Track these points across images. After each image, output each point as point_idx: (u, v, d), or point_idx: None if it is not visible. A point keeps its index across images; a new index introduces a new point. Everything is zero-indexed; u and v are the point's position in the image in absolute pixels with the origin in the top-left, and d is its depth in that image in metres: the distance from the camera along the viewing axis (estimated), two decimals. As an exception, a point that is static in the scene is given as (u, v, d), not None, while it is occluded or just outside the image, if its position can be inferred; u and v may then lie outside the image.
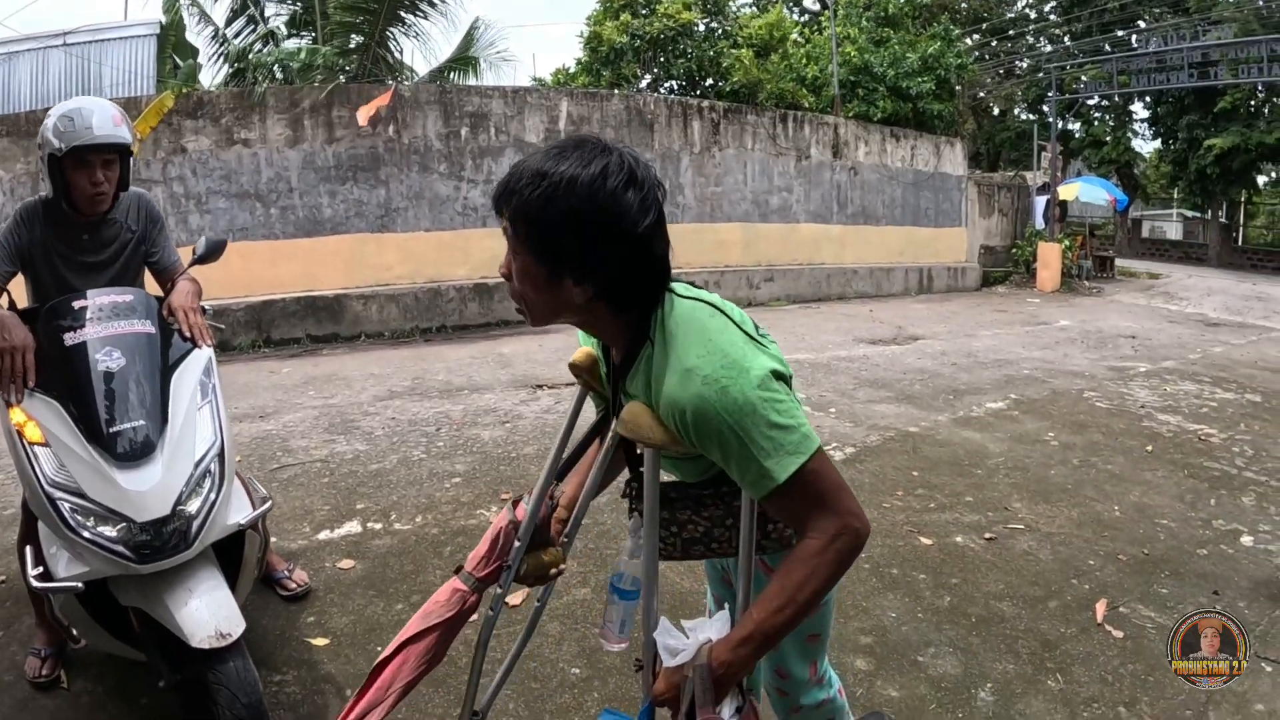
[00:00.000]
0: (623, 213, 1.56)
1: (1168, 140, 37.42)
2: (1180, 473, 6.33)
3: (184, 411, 2.95)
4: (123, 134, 3.20)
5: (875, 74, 21.68)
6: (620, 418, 1.72)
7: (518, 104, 15.03)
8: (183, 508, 2.72)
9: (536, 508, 2.11)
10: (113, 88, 16.31)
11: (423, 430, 7.19)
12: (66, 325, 2.95)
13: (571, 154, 1.58)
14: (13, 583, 4.28)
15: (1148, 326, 15.19)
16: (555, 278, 1.62)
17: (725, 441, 1.58)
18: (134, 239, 3.56)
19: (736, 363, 1.60)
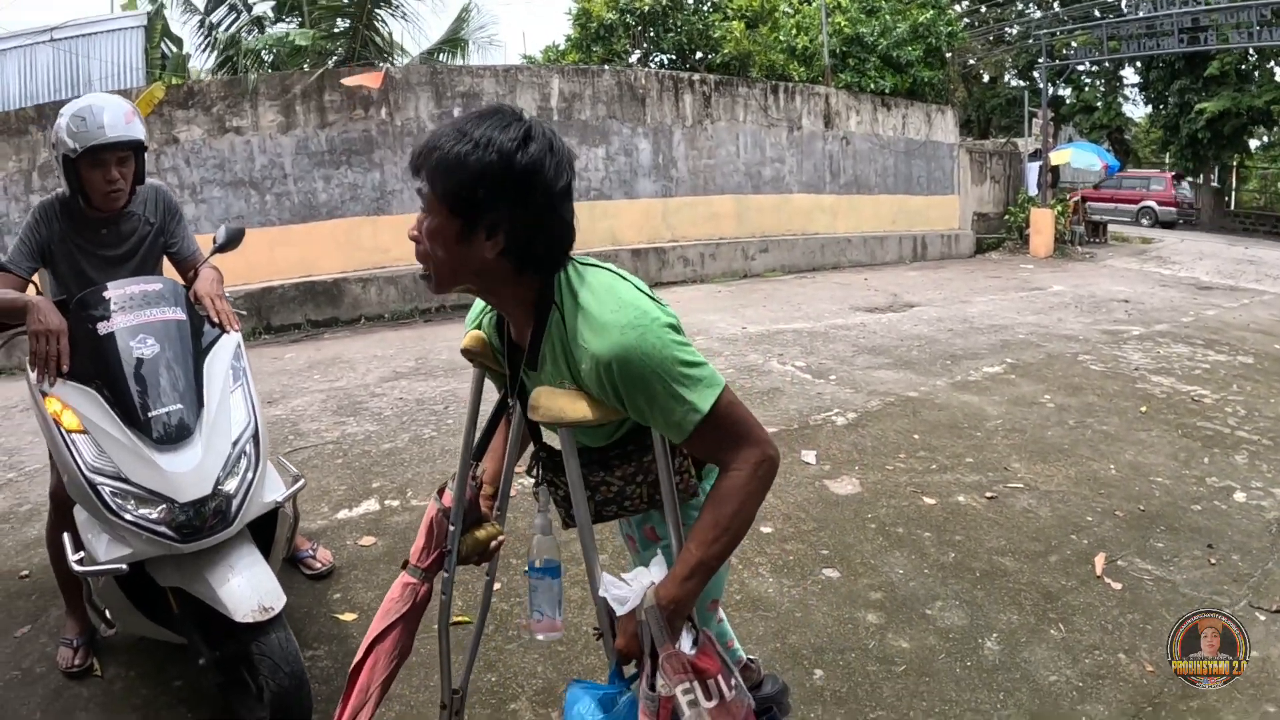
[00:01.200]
0: (537, 171, 1.64)
1: (1159, 105, 37.33)
2: (1174, 432, 6.47)
3: (218, 394, 3.04)
4: (136, 131, 3.26)
5: (866, 44, 21.60)
6: (532, 404, 1.79)
7: (509, 83, 15.02)
8: (222, 487, 2.81)
9: (461, 492, 2.20)
10: (102, 81, 16.16)
11: (431, 409, 7.27)
12: (98, 315, 3.01)
13: (490, 117, 1.68)
14: (35, 576, 4.37)
15: (1140, 291, 15.26)
16: (468, 232, 1.68)
17: (649, 384, 1.66)
18: (152, 231, 3.63)
19: (647, 312, 1.69)
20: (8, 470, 6.46)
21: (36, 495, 5.65)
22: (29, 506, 5.48)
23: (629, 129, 16.15)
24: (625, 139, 16.08)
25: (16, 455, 6.86)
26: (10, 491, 5.87)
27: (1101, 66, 34.63)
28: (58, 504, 3.29)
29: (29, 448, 7.03)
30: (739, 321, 11.27)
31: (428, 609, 2.37)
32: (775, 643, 3.56)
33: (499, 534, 2.29)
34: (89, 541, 2.79)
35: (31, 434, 7.52)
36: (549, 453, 2.09)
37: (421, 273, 1.83)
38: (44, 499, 5.49)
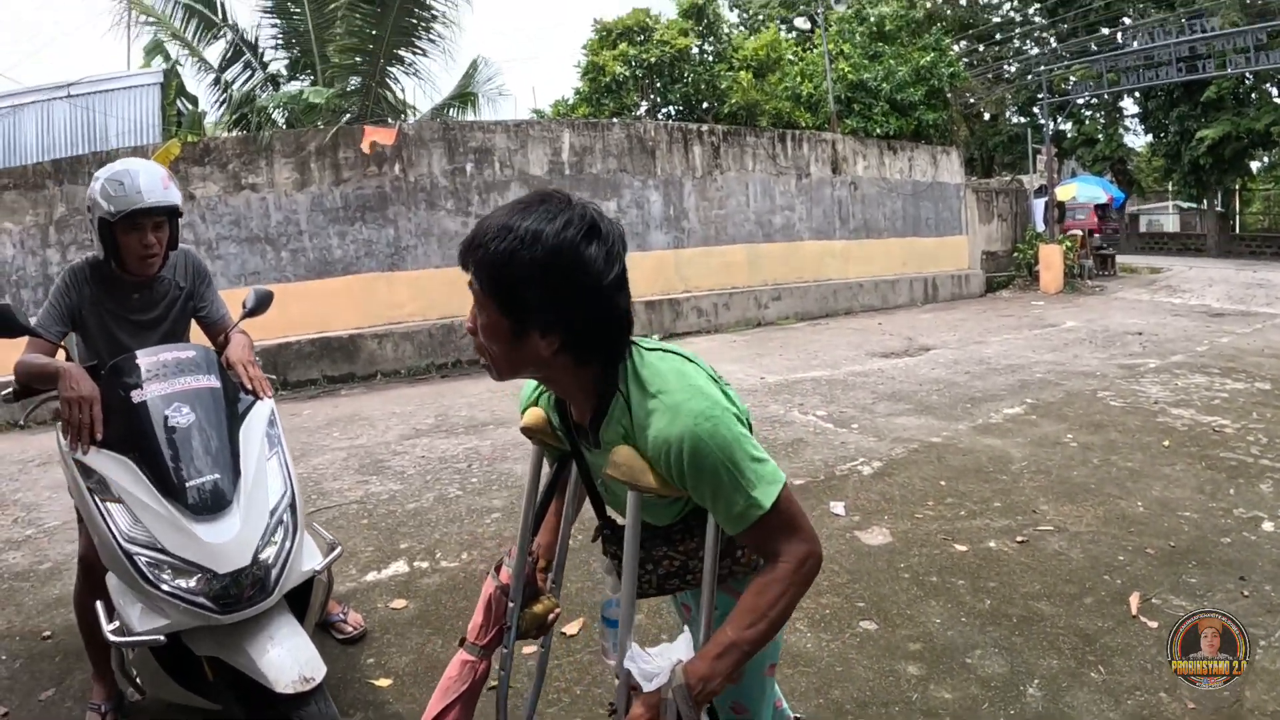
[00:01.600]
0: (586, 265, 1.60)
1: (1159, 134, 37.64)
2: (1198, 465, 6.45)
3: (254, 463, 3.00)
4: (172, 196, 3.28)
5: (870, 88, 21.87)
6: (612, 460, 1.75)
7: (520, 137, 15.19)
8: (260, 557, 2.77)
9: (521, 568, 2.21)
10: (119, 137, 16.46)
11: (454, 467, 7.26)
12: (132, 382, 3.00)
13: (536, 208, 1.63)
14: (59, 637, 4.35)
15: (1153, 322, 15.29)
16: (521, 331, 1.65)
17: (717, 474, 1.65)
18: (182, 295, 3.64)
19: (719, 403, 1.68)
20: (26, 527, 6.47)
21: (56, 553, 5.69)
22: (49, 565, 5.49)
23: (640, 181, 16.29)
24: (636, 191, 16.21)
25: (35, 511, 6.88)
26: (30, 549, 5.89)
27: (1101, 99, 34.93)
28: (87, 568, 3.28)
29: (47, 503, 7.06)
30: (757, 371, 11.28)
31: None
32: (818, 698, 3.53)
33: (555, 607, 2.30)
34: (123, 610, 2.76)
35: (49, 489, 7.55)
36: (612, 528, 2.09)
37: (482, 363, 1.79)
38: (64, 557, 5.53)
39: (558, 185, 15.03)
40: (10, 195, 12.83)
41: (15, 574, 5.41)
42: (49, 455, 8.99)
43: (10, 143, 16.57)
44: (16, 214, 12.81)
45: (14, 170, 13.49)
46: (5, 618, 4.70)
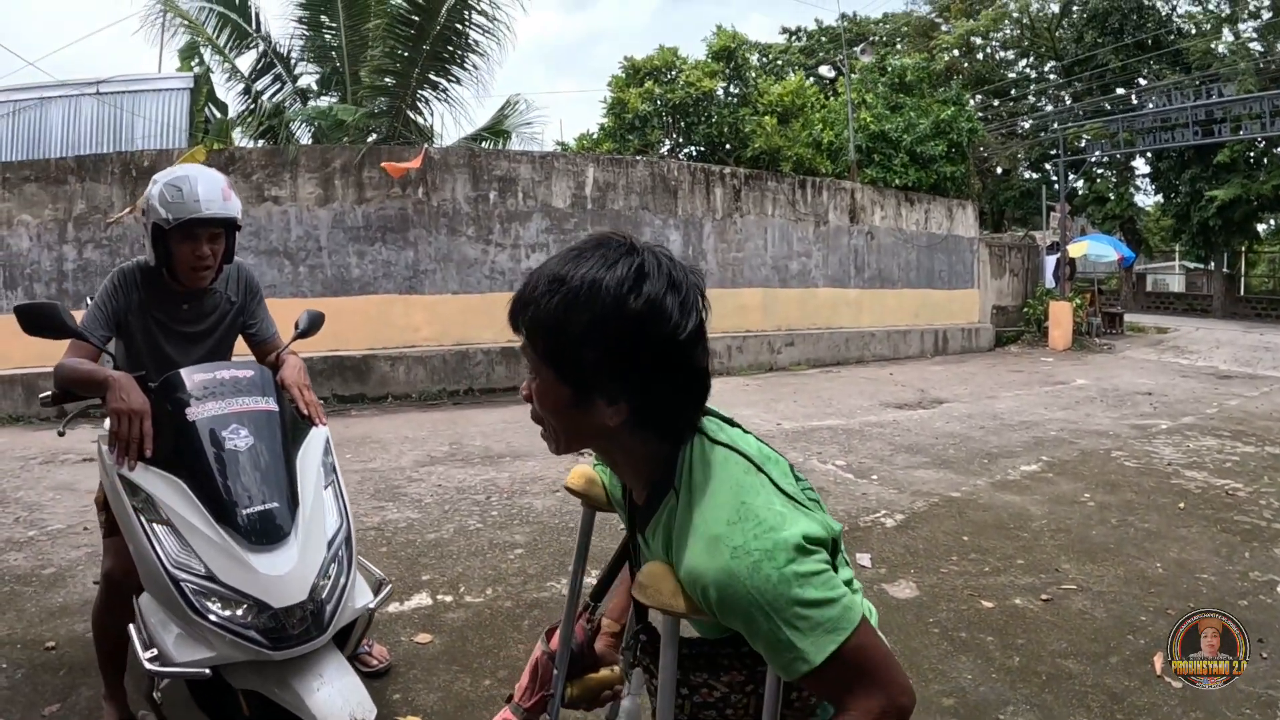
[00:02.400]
0: (658, 318, 1.37)
1: (1169, 194, 37.93)
2: (1213, 528, 6.51)
3: (312, 493, 2.87)
4: (232, 208, 3.18)
5: (891, 139, 22.10)
6: (638, 581, 1.49)
7: (545, 169, 15.33)
8: (316, 593, 2.64)
9: (568, 635, 2.04)
10: (145, 139, 16.60)
11: (473, 498, 7.24)
12: (186, 399, 2.86)
13: (592, 254, 1.40)
14: (63, 649, 4.25)
15: (1162, 382, 15.40)
16: (583, 398, 1.42)
17: (753, 621, 1.34)
18: (233, 310, 3.54)
19: (772, 531, 1.35)
20: (29, 528, 6.42)
21: (60, 558, 5.65)
22: (52, 570, 5.43)
23: (660, 220, 16.45)
24: (657, 230, 16.32)
25: (37, 512, 6.85)
26: (32, 551, 5.84)
27: (1114, 158, 35.19)
28: (111, 586, 3.15)
29: (50, 505, 7.03)
30: (773, 417, 11.32)
31: None
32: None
33: (619, 680, 2.04)
34: (159, 636, 2.61)
35: (53, 490, 7.55)
36: (650, 635, 1.74)
37: (541, 433, 1.56)
38: (68, 564, 5.51)
39: (579, 220, 15.41)
40: (31, 188, 12.94)
41: (17, 577, 5.35)
42: (52, 453, 9.11)
43: (35, 135, 16.68)
44: (36, 207, 12.91)
45: (36, 163, 13.62)
46: (6, 623, 4.62)
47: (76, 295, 12.98)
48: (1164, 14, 37.92)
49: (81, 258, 13.07)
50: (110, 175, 13.27)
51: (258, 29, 17.12)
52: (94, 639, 3.35)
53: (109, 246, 13.11)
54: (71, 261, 13.03)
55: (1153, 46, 36.27)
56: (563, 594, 4.96)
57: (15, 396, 11.98)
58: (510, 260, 14.87)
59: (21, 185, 13.01)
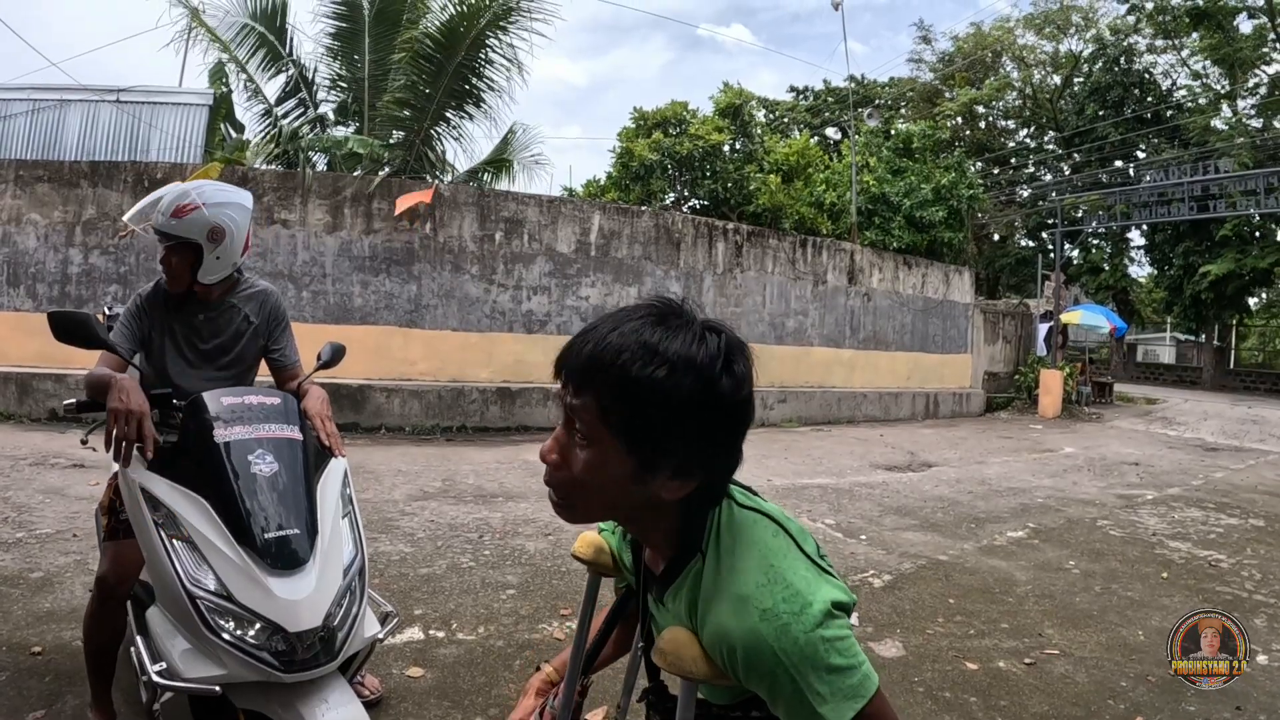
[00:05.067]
0: (745, 401, 1.38)
1: (1163, 266, 38.34)
2: (1195, 597, 6.61)
3: (330, 522, 2.91)
4: (177, 227, 3.23)
5: (892, 203, 22.43)
6: (659, 647, 1.47)
7: (552, 214, 15.51)
8: (330, 619, 2.68)
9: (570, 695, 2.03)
10: (160, 151, 16.90)
11: (465, 536, 7.28)
12: (214, 421, 2.89)
13: (677, 326, 1.35)
14: (49, 654, 4.24)
15: (1149, 453, 15.53)
16: (647, 471, 1.37)
17: (777, 684, 1.34)
18: (250, 330, 3.60)
19: (799, 595, 1.36)
20: (16, 529, 6.43)
21: (49, 563, 5.67)
22: (40, 574, 5.44)
23: (662, 271, 16.62)
24: (658, 280, 16.51)
25: (27, 513, 6.87)
26: (19, 553, 5.85)
27: (1110, 229, 35.58)
28: (105, 591, 3.18)
29: (40, 507, 7.06)
30: (763, 473, 11.38)
31: None
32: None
33: None
34: (167, 651, 2.65)
35: (43, 493, 7.58)
36: (659, 695, 1.76)
37: (554, 499, 1.47)
38: (57, 569, 5.54)
39: (583, 266, 15.58)
40: (43, 188, 13.14)
41: (3, 578, 5.36)
42: (43, 455, 9.16)
43: (52, 136, 16.97)
44: (46, 207, 13.10)
45: (50, 164, 13.82)
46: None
47: (78, 299, 13.17)
48: (1164, 89, 38.52)
49: (87, 262, 13.24)
50: (123, 183, 13.46)
51: (290, 53, 17.37)
52: (84, 645, 3.33)
53: (115, 254, 13.27)
54: (77, 265, 13.19)
55: (1152, 121, 36.90)
56: (555, 638, 5.06)
57: (9, 394, 12.07)
58: (512, 301, 15.01)
59: (34, 184, 13.20)
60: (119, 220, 13.00)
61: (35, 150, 16.61)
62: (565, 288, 15.56)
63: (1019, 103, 43.48)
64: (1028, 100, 42.90)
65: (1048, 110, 41.95)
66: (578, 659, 2.03)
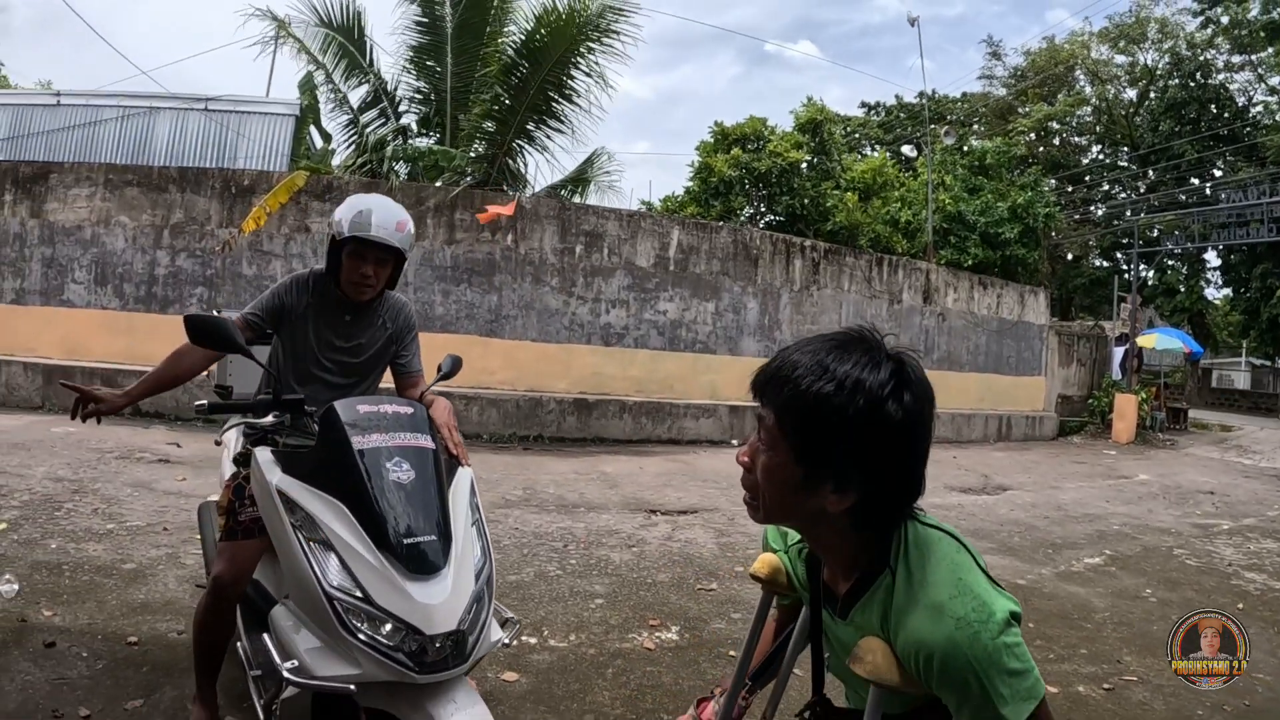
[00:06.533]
0: (913, 425, 1.47)
1: (1240, 288, 37.64)
2: (1271, 630, 6.57)
3: (462, 529, 2.96)
4: (400, 241, 3.43)
5: (967, 222, 22.26)
6: (858, 656, 1.57)
7: (631, 228, 15.68)
8: (462, 623, 2.73)
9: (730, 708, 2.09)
10: (247, 160, 17.38)
11: (550, 546, 7.37)
12: (351, 428, 2.95)
13: (856, 352, 1.48)
14: (145, 645, 4.33)
15: (1225, 482, 15.28)
16: (813, 481, 1.49)
17: (966, 687, 1.45)
18: (386, 336, 3.74)
19: (986, 605, 1.47)
20: (107, 520, 6.63)
21: (141, 555, 5.84)
22: (132, 565, 5.60)
23: (740, 287, 16.66)
24: (735, 296, 16.57)
25: (116, 505, 7.09)
26: (110, 544, 6.02)
27: (1185, 250, 35.19)
28: (220, 590, 3.27)
29: (129, 500, 7.31)
30: (837, 497, 11.36)
31: None
32: None
33: None
34: (296, 649, 2.72)
35: (130, 486, 7.87)
36: (825, 706, 1.88)
37: (746, 499, 1.63)
38: (149, 561, 5.74)
39: (661, 280, 15.71)
40: (132, 192, 13.61)
41: (96, 568, 5.51)
42: (128, 449, 9.53)
43: (141, 142, 17.61)
44: (135, 210, 13.57)
45: (139, 168, 14.29)
46: (86, 612, 4.73)
47: (164, 299, 13.65)
48: (1240, 105, 37.92)
49: (174, 264, 13.70)
50: (210, 189, 13.91)
51: (370, 64, 17.74)
52: (193, 639, 3.40)
53: (202, 258, 13.71)
54: (164, 267, 13.65)
55: (1229, 138, 36.23)
56: (645, 648, 5.15)
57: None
58: (590, 314, 15.19)
59: (123, 188, 13.69)
60: (221, 229, 13.42)
61: (125, 155, 17.18)
62: (643, 301, 15.71)
63: (1092, 118, 42.98)
64: (1102, 116, 42.29)
65: (1122, 126, 41.33)
66: (742, 668, 2.13)
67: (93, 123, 17.76)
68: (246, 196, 13.82)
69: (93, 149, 17.45)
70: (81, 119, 17.80)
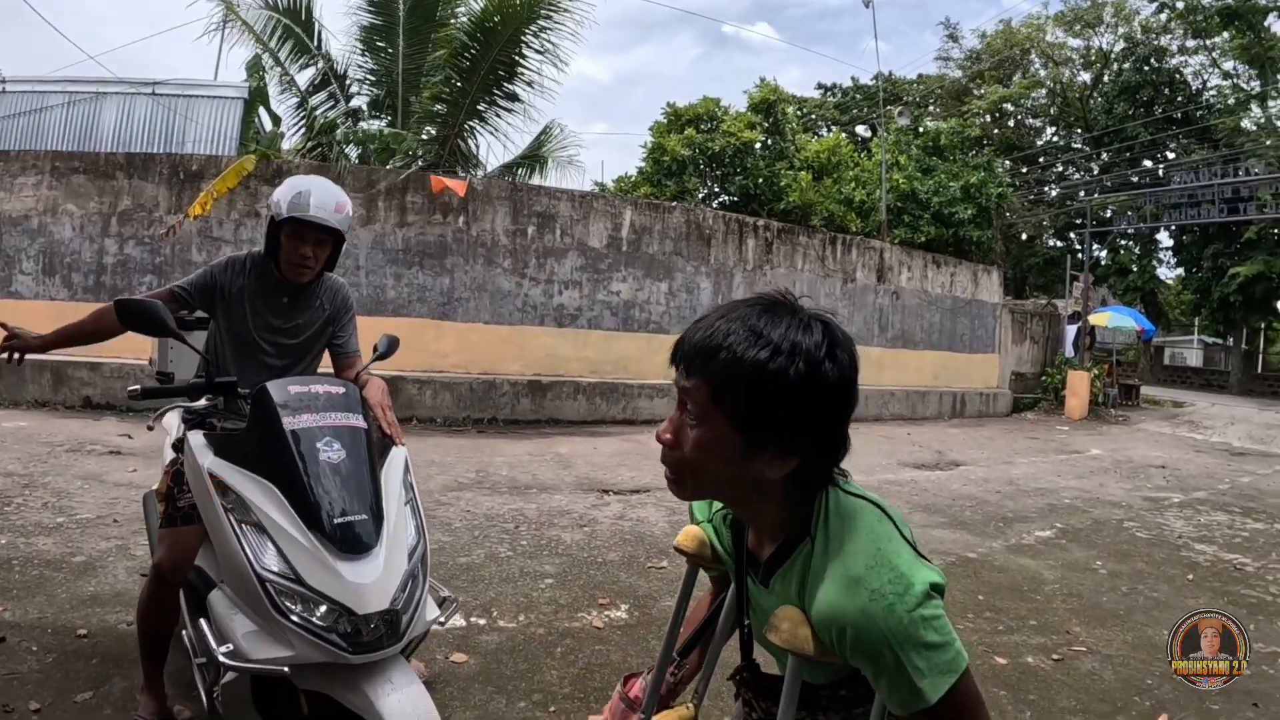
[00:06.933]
0: (845, 382, 1.45)
1: (1191, 268, 38.13)
2: (1220, 600, 6.65)
3: (395, 508, 2.96)
4: (338, 220, 3.43)
5: (920, 200, 22.43)
6: (776, 626, 1.54)
7: (584, 208, 15.62)
8: (396, 603, 2.72)
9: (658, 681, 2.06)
10: (195, 144, 17.06)
11: (502, 527, 7.35)
12: (283, 409, 2.94)
13: (783, 315, 1.45)
14: (95, 638, 4.29)
15: (1176, 456, 15.52)
16: (753, 450, 1.45)
17: (881, 659, 1.41)
18: (324, 318, 3.74)
19: (904, 577, 1.42)
20: (57, 514, 6.55)
21: (90, 548, 5.77)
22: (82, 558, 5.53)
23: (693, 267, 16.65)
24: (688, 276, 16.56)
25: (66, 499, 7.00)
26: (60, 538, 5.94)
27: (1138, 230, 35.49)
28: (161, 577, 3.20)
29: (79, 493, 7.20)
30: (792, 471, 11.38)
31: None
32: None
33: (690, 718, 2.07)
34: (232, 633, 2.72)
35: (81, 479, 7.73)
36: (754, 672, 1.86)
37: (669, 476, 1.58)
38: (99, 554, 5.65)
39: (614, 261, 15.66)
40: (79, 179, 13.32)
41: (46, 561, 5.45)
42: (79, 442, 9.33)
43: (88, 128, 17.18)
44: (82, 198, 13.28)
45: (86, 155, 14.00)
46: (36, 606, 4.69)
47: (113, 289, 13.32)
48: (1194, 89, 38.33)
49: (122, 253, 13.42)
50: (158, 175, 13.63)
51: (319, 46, 17.50)
52: (138, 630, 3.35)
53: (150, 245, 13.46)
54: (112, 256, 13.37)
55: (1182, 121, 36.67)
56: (594, 626, 5.17)
57: (44, 382, 12.27)
58: (543, 295, 15.13)
59: (70, 176, 13.38)
60: (170, 216, 13.20)
61: (71, 142, 16.81)
62: (596, 282, 15.66)
63: (1047, 101, 43.32)
64: (1056, 98, 42.68)
65: (1077, 109, 41.76)
66: (670, 645, 2.11)
67: (39, 109, 17.33)
68: (195, 182, 13.54)
69: (39, 136, 17.06)
70: (27, 106, 17.39)
